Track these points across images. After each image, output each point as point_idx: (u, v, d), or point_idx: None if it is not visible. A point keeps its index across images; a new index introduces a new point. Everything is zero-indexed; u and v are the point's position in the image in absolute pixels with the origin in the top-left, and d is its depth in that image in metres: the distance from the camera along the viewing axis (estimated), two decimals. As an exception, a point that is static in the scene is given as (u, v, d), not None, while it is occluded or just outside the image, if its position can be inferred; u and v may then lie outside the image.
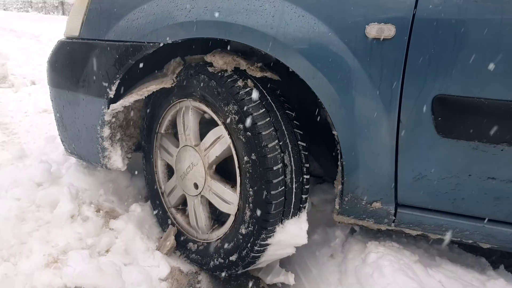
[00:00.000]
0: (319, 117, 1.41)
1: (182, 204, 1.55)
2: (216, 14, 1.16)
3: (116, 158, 1.51)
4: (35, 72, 4.50)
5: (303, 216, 1.28)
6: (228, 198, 1.28)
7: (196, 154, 1.35)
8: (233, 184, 1.29)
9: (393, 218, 1.22)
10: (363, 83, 1.09)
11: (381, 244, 1.28)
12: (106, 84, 1.36)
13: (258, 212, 1.19)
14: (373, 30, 1.05)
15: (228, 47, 1.34)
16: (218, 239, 1.35)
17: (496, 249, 1.22)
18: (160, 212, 1.57)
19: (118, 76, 1.33)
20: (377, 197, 1.21)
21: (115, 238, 1.41)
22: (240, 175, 1.22)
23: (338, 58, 1.09)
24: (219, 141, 1.27)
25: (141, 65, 1.33)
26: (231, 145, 1.23)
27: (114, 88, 1.36)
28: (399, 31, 1.03)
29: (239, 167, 1.22)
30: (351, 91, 1.10)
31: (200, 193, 1.36)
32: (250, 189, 1.19)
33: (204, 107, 1.30)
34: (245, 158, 1.19)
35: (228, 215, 1.33)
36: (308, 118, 1.41)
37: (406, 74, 1.06)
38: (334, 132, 1.18)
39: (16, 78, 4.09)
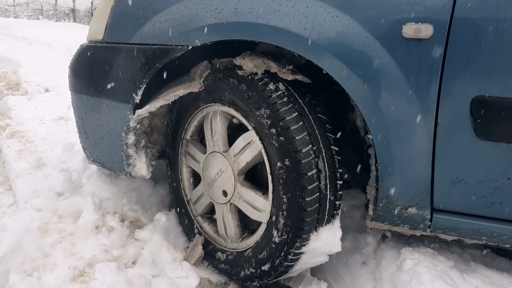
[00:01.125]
0: (346, 122, 1.39)
1: (209, 212, 1.53)
2: (247, 16, 1.14)
3: (141, 166, 1.50)
4: (48, 79, 4.54)
5: (337, 223, 1.25)
6: (259, 206, 1.27)
7: (225, 161, 1.33)
8: (264, 191, 1.27)
9: (429, 223, 1.19)
10: (400, 85, 1.07)
11: (415, 250, 1.26)
12: (131, 89, 1.35)
13: (292, 220, 1.17)
14: (410, 30, 1.03)
15: (250, 50, 1.34)
16: (248, 248, 1.33)
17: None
18: (186, 221, 1.55)
19: (144, 80, 1.33)
20: (412, 202, 1.18)
21: (141, 249, 1.40)
22: (273, 182, 1.20)
23: (373, 60, 1.07)
24: (250, 147, 1.25)
25: (165, 69, 1.32)
26: (263, 151, 1.21)
27: (140, 93, 1.35)
28: (437, 31, 1.01)
29: (271, 173, 1.20)
30: (388, 93, 1.08)
31: (229, 200, 1.35)
32: (284, 196, 1.17)
33: (233, 112, 1.28)
34: (278, 163, 1.17)
35: (259, 223, 1.31)
36: (335, 122, 1.38)
37: (444, 76, 1.04)
38: (368, 136, 1.15)
39: (29, 86, 4.13)
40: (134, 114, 1.39)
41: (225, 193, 1.36)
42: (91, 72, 1.48)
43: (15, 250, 1.28)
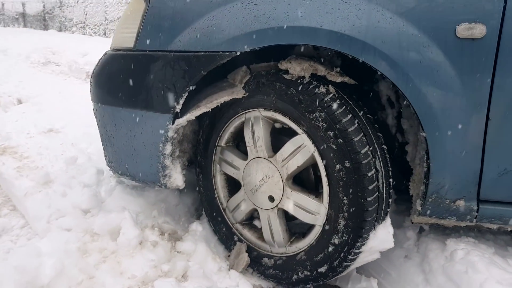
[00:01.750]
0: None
1: (248, 219, 1.51)
2: (300, 20, 1.15)
3: (177, 176, 1.47)
4: (19, 90, 4.30)
5: (388, 220, 1.29)
6: (313, 209, 1.28)
7: (271, 166, 1.33)
8: (316, 194, 1.28)
9: (476, 214, 1.25)
10: (453, 83, 1.11)
11: (460, 241, 1.32)
12: (172, 98, 1.32)
13: (354, 220, 1.19)
14: (464, 30, 1.08)
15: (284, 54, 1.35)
16: (301, 252, 1.33)
17: None
18: (224, 229, 1.53)
19: (187, 89, 1.30)
20: (460, 195, 1.24)
21: (187, 261, 1.37)
22: (329, 184, 1.22)
23: (428, 59, 1.11)
24: (301, 151, 1.26)
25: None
26: (316, 154, 1.22)
27: (181, 102, 1.33)
28: (490, 30, 1.07)
29: (327, 175, 1.22)
30: (441, 91, 1.13)
31: (277, 205, 1.35)
32: (345, 198, 1.19)
33: (279, 117, 1.29)
34: (337, 166, 1.18)
35: (307, 226, 1.32)
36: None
37: (496, 73, 1.09)
38: (422, 134, 1.19)
39: (1, 97, 3.89)
40: (173, 123, 1.35)
41: (271, 199, 1.36)
42: (121, 82, 1.42)
43: (59, 275, 1.21)
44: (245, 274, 1.42)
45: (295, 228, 1.49)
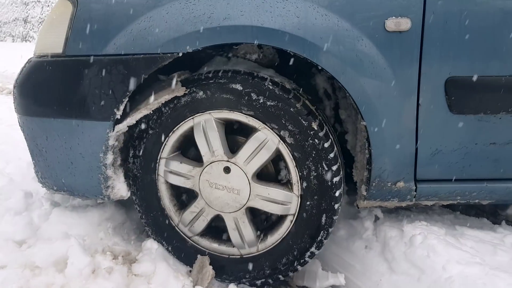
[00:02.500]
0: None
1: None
2: (241, 19, 1.19)
3: (120, 186, 1.42)
4: None
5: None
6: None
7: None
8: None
9: (414, 194, 1.39)
10: (386, 73, 1.23)
11: (415, 226, 1.41)
12: (112, 105, 1.27)
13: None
14: (392, 24, 1.20)
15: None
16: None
17: (493, 203, 1.47)
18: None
19: (128, 93, 1.26)
20: (400, 177, 1.37)
21: (148, 284, 1.30)
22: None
23: (362, 52, 1.22)
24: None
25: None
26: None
27: (121, 107, 1.28)
28: (414, 23, 1.20)
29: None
30: (376, 82, 1.24)
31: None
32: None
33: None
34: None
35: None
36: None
37: (422, 62, 1.24)
38: (362, 123, 1.30)
39: None
40: (113, 131, 1.30)
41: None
42: (50, 91, 1.32)
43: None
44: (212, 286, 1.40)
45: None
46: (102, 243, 1.43)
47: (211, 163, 1.37)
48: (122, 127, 1.32)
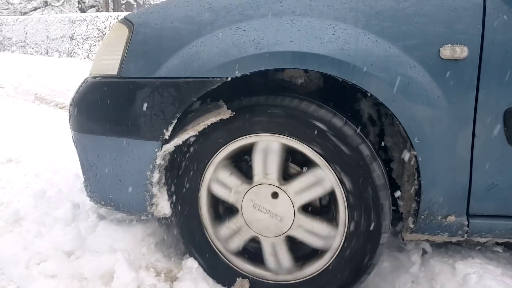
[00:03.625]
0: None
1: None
2: (290, 44, 1.23)
3: (164, 204, 1.47)
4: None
5: None
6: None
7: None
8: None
9: (467, 229, 1.35)
10: (440, 102, 1.22)
11: (468, 263, 1.36)
12: (161, 125, 1.34)
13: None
14: (447, 52, 1.19)
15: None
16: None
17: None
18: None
19: (177, 115, 1.32)
20: (451, 210, 1.33)
21: None
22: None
23: (415, 80, 1.21)
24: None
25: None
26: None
27: (170, 128, 1.34)
28: (471, 51, 1.19)
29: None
30: (429, 110, 1.23)
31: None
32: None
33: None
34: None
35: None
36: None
37: (479, 91, 1.22)
38: (412, 153, 1.29)
39: None
40: (161, 150, 1.37)
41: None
42: (104, 110, 1.41)
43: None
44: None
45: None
46: (145, 259, 1.48)
47: (260, 184, 1.38)
48: (169, 147, 1.38)
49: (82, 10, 16.34)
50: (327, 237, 1.36)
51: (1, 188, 2.24)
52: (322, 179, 1.32)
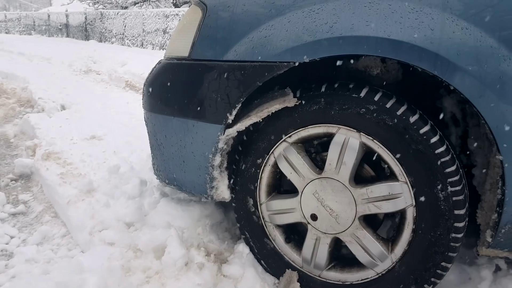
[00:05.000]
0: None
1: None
2: (366, 29, 1.11)
3: (223, 189, 1.45)
4: (62, 96, 4.49)
5: None
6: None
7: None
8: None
9: (556, 249, 1.14)
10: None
11: None
12: (225, 109, 1.31)
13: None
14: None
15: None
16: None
17: None
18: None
19: (241, 99, 1.29)
20: (539, 227, 1.13)
21: (234, 287, 1.32)
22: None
23: (509, 75, 1.03)
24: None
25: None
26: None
27: (234, 112, 1.31)
28: None
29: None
30: (524, 110, 1.04)
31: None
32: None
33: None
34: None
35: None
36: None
37: None
38: (498, 157, 1.11)
39: (45, 103, 4.07)
40: (224, 134, 1.34)
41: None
42: (174, 91, 1.42)
43: (102, 295, 1.20)
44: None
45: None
46: (198, 238, 1.49)
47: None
48: (232, 131, 1.34)
49: (176, 6, 17.12)
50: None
51: (82, 161, 2.40)
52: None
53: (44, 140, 2.81)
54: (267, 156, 1.38)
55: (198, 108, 1.36)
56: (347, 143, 1.24)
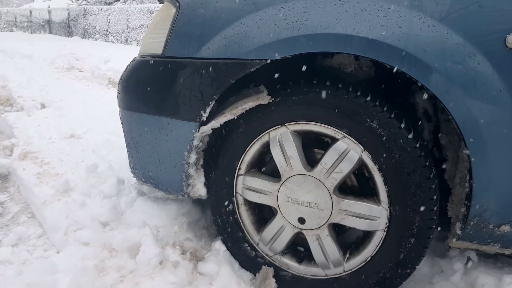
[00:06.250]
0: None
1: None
2: (336, 27, 1.12)
3: (200, 186, 1.45)
4: (42, 94, 4.42)
5: None
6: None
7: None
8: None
9: (523, 241, 1.17)
10: (501, 97, 1.06)
11: None
12: (199, 106, 1.31)
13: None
14: (513, 40, 1.03)
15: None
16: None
17: None
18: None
19: (214, 97, 1.29)
20: (506, 219, 1.17)
21: (210, 284, 1.32)
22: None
23: (474, 71, 1.06)
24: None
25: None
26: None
27: (208, 110, 1.31)
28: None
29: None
30: (488, 105, 1.07)
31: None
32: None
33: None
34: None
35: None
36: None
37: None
38: (465, 152, 1.14)
39: (25, 101, 4.00)
40: (198, 131, 1.34)
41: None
42: (148, 88, 1.42)
43: (75, 295, 1.19)
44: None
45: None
46: (174, 237, 1.49)
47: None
48: (207, 129, 1.35)
49: (161, 1, 17.00)
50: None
51: (60, 160, 2.37)
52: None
53: (22, 140, 2.77)
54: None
55: (172, 106, 1.36)
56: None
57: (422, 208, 1.19)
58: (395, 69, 1.11)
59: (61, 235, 1.56)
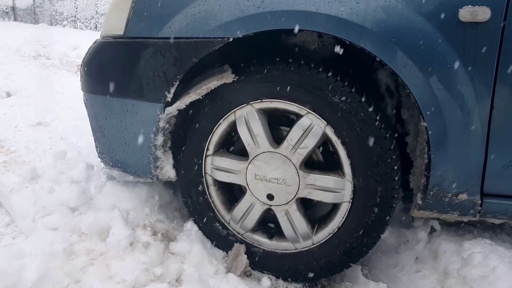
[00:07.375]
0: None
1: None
2: (296, 3, 1.13)
3: (169, 168, 1.45)
4: (8, 82, 4.26)
5: None
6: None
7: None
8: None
9: (479, 208, 1.24)
10: (456, 70, 1.09)
11: (475, 243, 1.27)
12: (163, 87, 1.30)
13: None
14: (467, 13, 1.06)
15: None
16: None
17: None
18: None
19: (178, 77, 1.28)
20: (463, 188, 1.22)
21: (182, 263, 1.33)
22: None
23: (430, 45, 1.09)
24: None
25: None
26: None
27: (172, 90, 1.30)
28: (494, 13, 1.05)
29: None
30: (443, 79, 1.11)
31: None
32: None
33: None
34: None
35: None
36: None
37: (501, 58, 1.08)
38: (423, 124, 1.17)
39: (-12, 90, 3.85)
40: (164, 113, 1.33)
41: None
42: (110, 70, 1.39)
43: (43, 279, 1.18)
44: (243, 278, 1.38)
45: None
46: (145, 219, 1.49)
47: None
48: (172, 109, 1.34)
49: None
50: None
51: (27, 148, 2.32)
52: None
53: (-13, 129, 2.68)
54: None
55: (136, 88, 1.34)
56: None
57: (384, 178, 1.22)
58: (357, 45, 1.13)
59: (29, 222, 1.53)
